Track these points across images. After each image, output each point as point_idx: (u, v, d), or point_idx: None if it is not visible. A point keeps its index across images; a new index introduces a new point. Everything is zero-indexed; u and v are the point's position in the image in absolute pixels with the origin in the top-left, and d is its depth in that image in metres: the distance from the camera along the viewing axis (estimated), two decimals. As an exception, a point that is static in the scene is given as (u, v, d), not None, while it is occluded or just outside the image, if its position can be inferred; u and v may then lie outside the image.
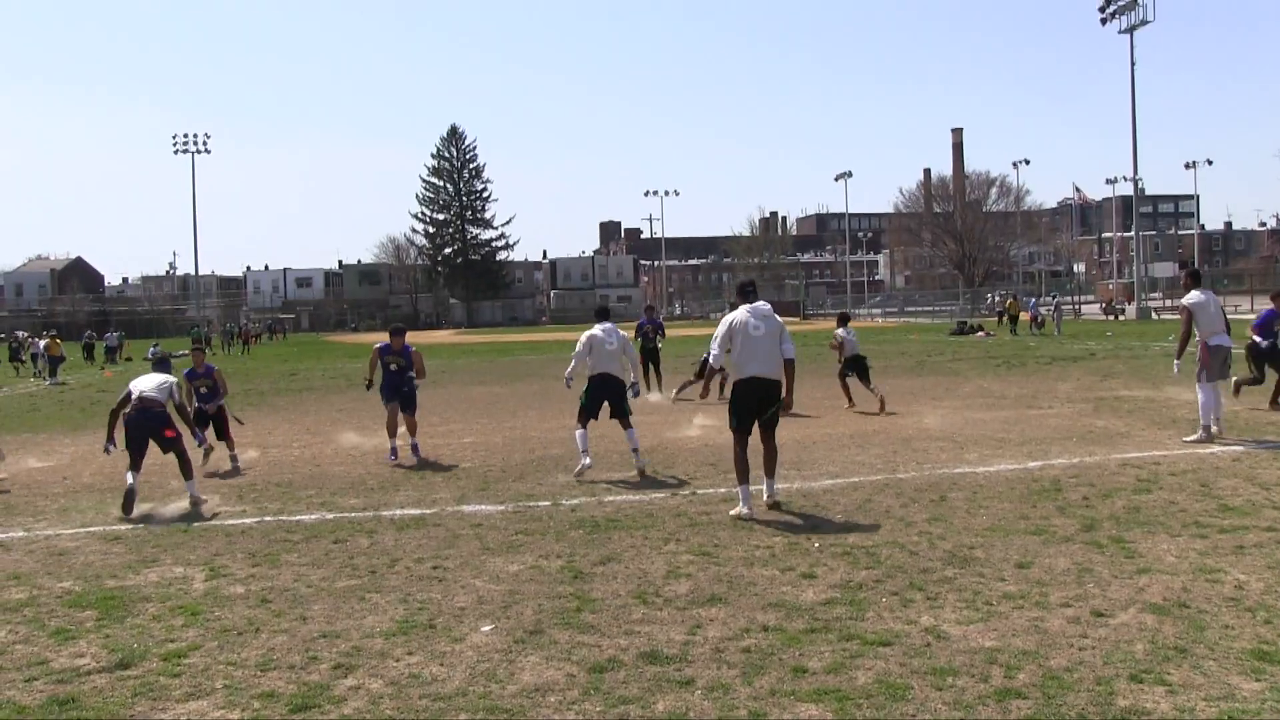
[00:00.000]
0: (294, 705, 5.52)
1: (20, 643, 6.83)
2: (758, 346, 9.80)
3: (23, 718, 5.58)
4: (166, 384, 11.95)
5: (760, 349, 9.81)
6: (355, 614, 7.10)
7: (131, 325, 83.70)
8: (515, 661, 6.07)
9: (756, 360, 9.79)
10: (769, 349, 9.82)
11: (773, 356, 9.84)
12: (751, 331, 9.81)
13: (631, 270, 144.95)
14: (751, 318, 9.90)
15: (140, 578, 8.36)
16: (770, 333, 9.86)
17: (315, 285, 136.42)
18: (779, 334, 9.92)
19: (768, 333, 9.85)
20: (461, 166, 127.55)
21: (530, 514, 10.20)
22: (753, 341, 9.80)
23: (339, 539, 9.39)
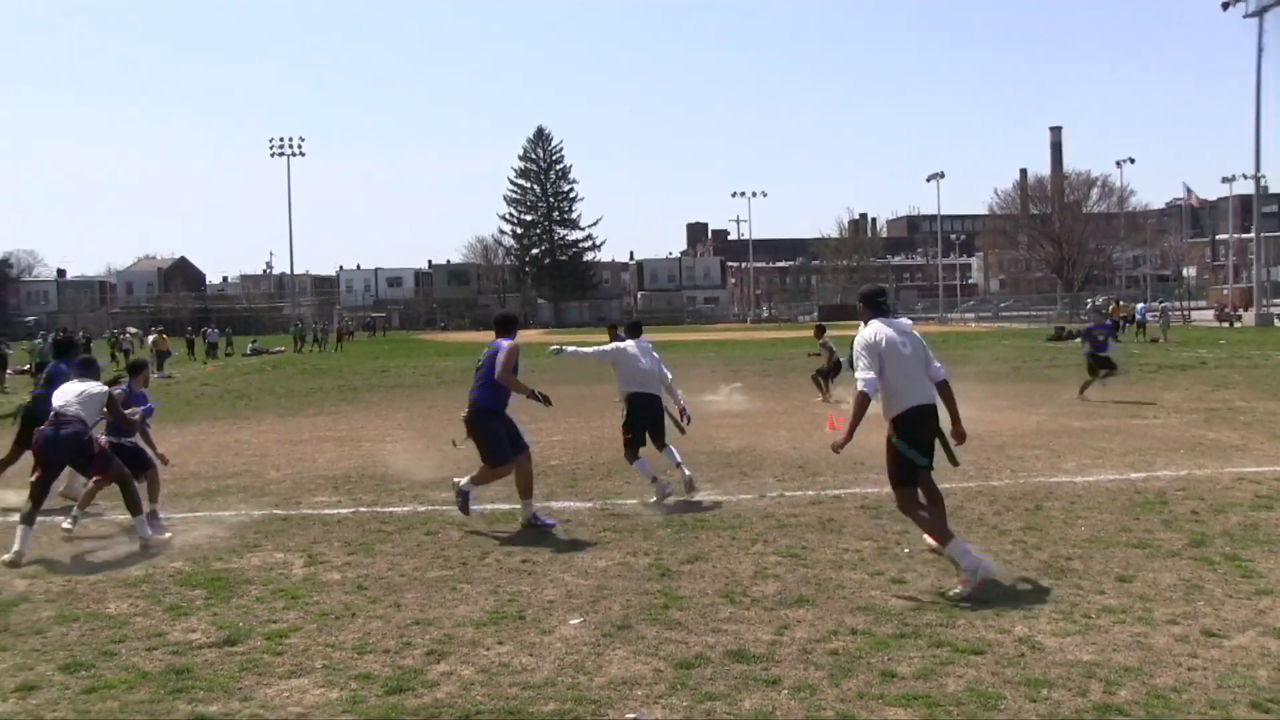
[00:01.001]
0: (389, 687, 5.67)
1: (140, 615, 7.19)
2: (912, 368, 7.68)
3: (145, 683, 5.86)
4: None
5: (916, 371, 7.70)
6: (447, 603, 7.25)
7: (230, 322, 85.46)
8: (603, 654, 6.16)
9: (916, 385, 7.68)
10: (922, 370, 7.73)
11: (925, 379, 7.75)
12: (902, 350, 7.66)
13: (719, 272, 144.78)
14: (897, 334, 7.70)
15: (244, 561, 8.65)
16: (917, 351, 7.77)
17: (405, 284, 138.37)
18: (924, 351, 7.84)
19: (915, 351, 7.76)
20: (548, 168, 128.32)
21: (618, 512, 10.30)
22: (905, 362, 7.64)
23: (431, 531, 9.59)
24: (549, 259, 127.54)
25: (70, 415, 9.24)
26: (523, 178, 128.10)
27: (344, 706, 5.43)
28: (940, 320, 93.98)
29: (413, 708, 5.39)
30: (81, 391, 9.51)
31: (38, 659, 6.34)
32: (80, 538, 9.68)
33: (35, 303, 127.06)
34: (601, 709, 5.32)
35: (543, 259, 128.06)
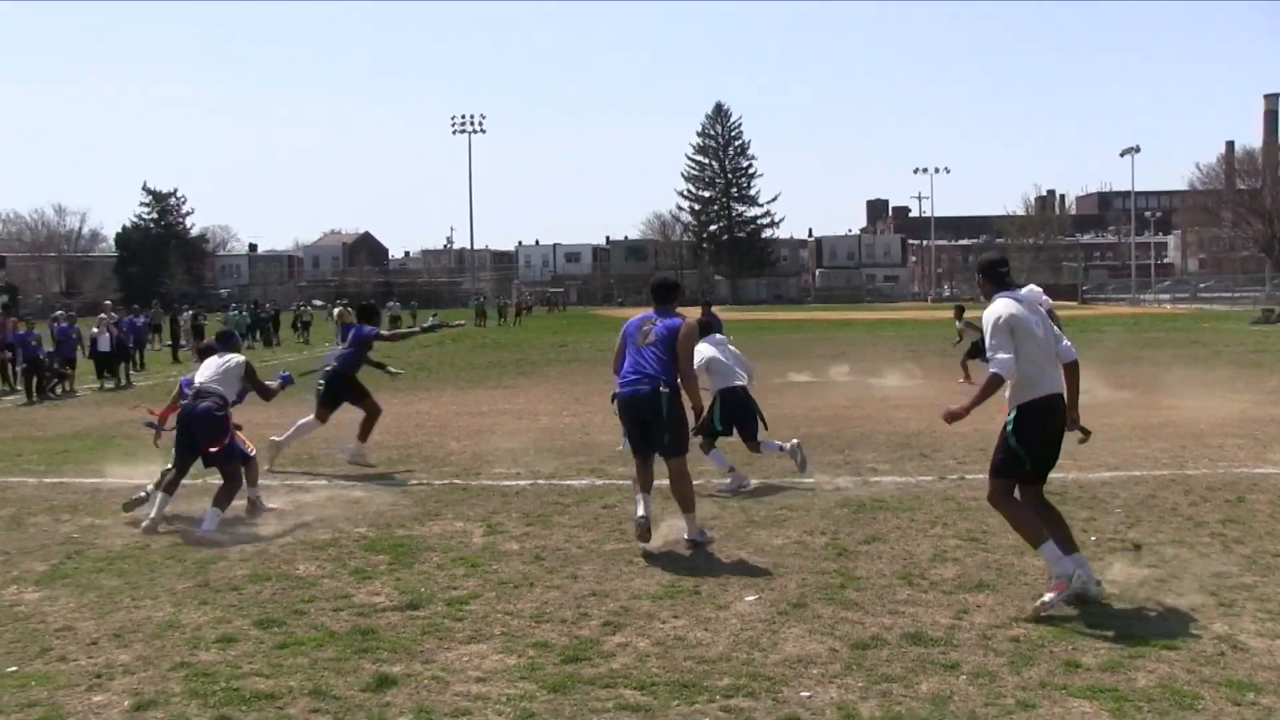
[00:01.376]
0: (566, 656, 5.78)
1: (327, 578, 7.49)
2: (1043, 351, 6.68)
3: (332, 642, 6.11)
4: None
5: (1047, 354, 6.71)
6: (623, 576, 7.34)
7: (411, 296, 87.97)
8: (778, 632, 6.15)
9: (1046, 371, 6.69)
10: (1052, 353, 6.75)
11: (1055, 363, 6.78)
12: (1035, 330, 6.64)
13: (899, 249, 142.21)
14: (1028, 311, 6.70)
15: (425, 529, 8.93)
16: (1048, 331, 6.77)
17: (583, 260, 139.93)
18: (1054, 330, 6.86)
19: (1046, 332, 6.74)
20: (727, 144, 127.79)
21: (794, 490, 10.25)
22: (1037, 345, 6.63)
23: (607, 504, 9.72)
24: (727, 235, 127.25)
25: (210, 390, 9.50)
26: (701, 154, 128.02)
27: (522, 673, 5.55)
28: (1132, 301, 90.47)
29: (589, 677, 5.47)
30: (220, 365, 9.74)
31: (234, 614, 6.67)
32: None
33: (228, 276, 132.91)
34: (776, 686, 5.31)
35: (720, 235, 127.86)
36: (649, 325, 8.41)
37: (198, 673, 5.63)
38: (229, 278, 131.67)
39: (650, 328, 8.37)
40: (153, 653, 5.98)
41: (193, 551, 8.26)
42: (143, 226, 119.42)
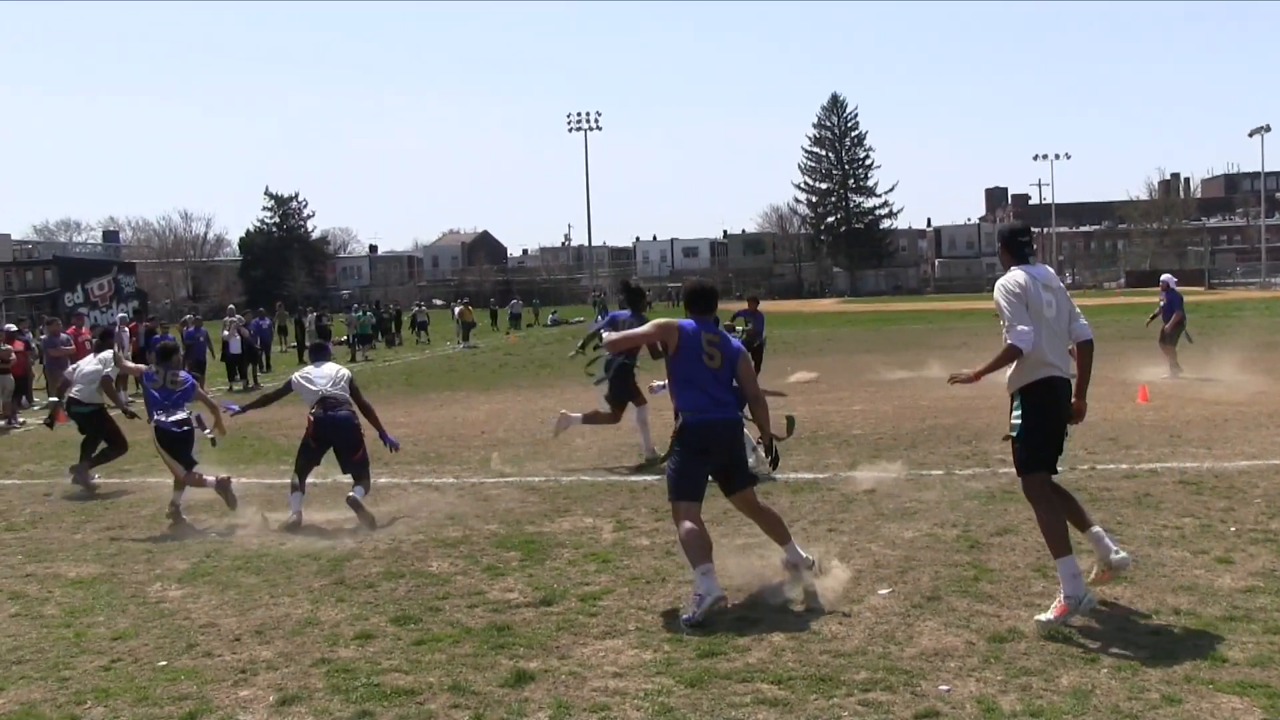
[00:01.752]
0: (701, 651, 5.77)
1: (460, 574, 7.61)
2: (1054, 331, 6.31)
3: (469, 638, 6.20)
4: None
5: (1058, 335, 6.35)
6: (754, 570, 7.30)
7: (530, 294, 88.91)
8: (913, 625, 6.07)
9: (1056, 350, 6.32)
10: (1064, 336, 6.40)
11: (1065, 347, 6.42)
12: (1046, 309, 6.26)
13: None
14: (1042, 287, 6.33)
15: (555, 525, 9.01)
16: (1062, 311, 6.37)
17: (701, 255, 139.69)
18: (1069, 311, 6.43)
19: (1059, 313, 6.36)
20: (843, 135, 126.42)
21: (923, 482, 10.10)
22: (1047, 324, 6.24)
23: (735, 499, 9.67)
24: (844, 227, 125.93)
25: (341, 398, 9.75)
26: (817, 145, 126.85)
27: (658, 668, 5.56)
28: (1263, 285, 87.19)
29: (725, 671, 5.46)
30: (337, 374, 9.98)
31: (371, 610, 6.81)
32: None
33: (350, 277, 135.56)
34: (914, 679, 5.24)
35: (838, 227, 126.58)
36: (713, 342, 7.06)
37: (338, 669, 5.75)
38: (350, 279, 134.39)
39: (716, 349, 7.04)
40: (293, 649, 6.14)
41: (327, 549, 8.45)
42: (265, 230, 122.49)
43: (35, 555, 8.75)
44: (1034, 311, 6.18)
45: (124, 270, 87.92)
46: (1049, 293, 6.32)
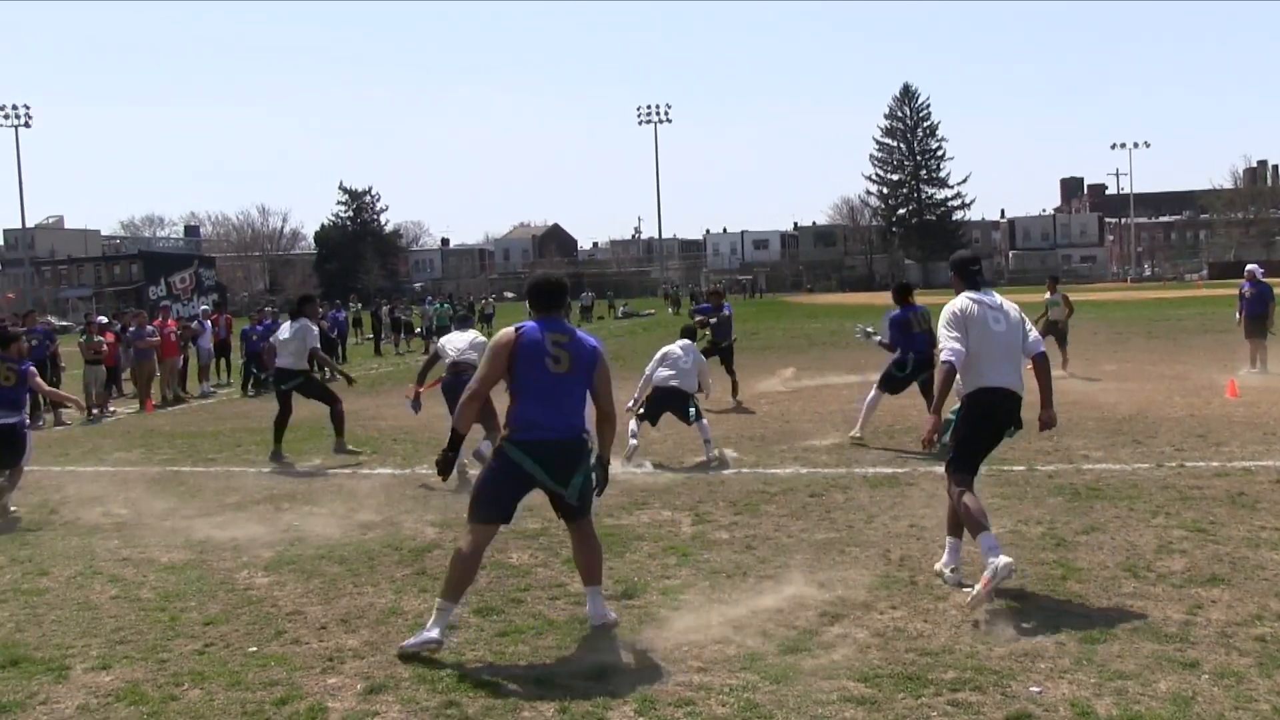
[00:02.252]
0: (785, 646, 5.74)
1: (540, 566, 7.64)
2: (1000, 346, 6.89)
3: (551, 630, 6.22)
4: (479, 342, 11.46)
5: (1004, 350, 6.92)
6: (837, 565, 7.26)
7: (601, 286, 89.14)
8: (999, 624, 5.97)
9: (1000, 365, 6.88)
10: (1011, 350, 6.96)
11: (1014, 361, 6.97)
12: (992, 325, 6.88)
13: (1096, 228, 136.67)
14: (988, 308, 6.96)
15: (634, 518, 9.01)
16: (1012, 329, 6.96)
17: (772, 247, 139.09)
18: (1020, 330, 7.02)
19: (1009, 328, 6.95)
20: (915, 125, 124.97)
21: (1006, 478, 9.95)
22: (993, 339, 6.86)
23: (814, 493, 9.62)
24: (916, 219, 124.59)
25: (467, 362, 10.78)
26: (889, 136, 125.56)
27: (742, 664, 5.53)
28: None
29: (810, 668, 5.42)
30: (470, 339, 11.40)
31: (455, 601, 6.83)
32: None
33: (422, 270, 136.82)
34: (1004, 680, 5.16)
35: (910, 219, 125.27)
36: (560, 343, 6.12)
37: (423, 659, 5.79)
38: (422, 272, 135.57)
39: (564, 350, 6.11)
40: (379, 638, 6.19)
41: (408, 540, 8.52)
42: (340, 224, 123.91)
43: (130, 541, 8.92)
44: (975, 332, 6.83)
45: (204, 264, 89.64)
46: (996, 312, 6.96)
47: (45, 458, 14.48)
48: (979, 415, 6.89)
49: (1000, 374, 6.85)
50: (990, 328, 6.87)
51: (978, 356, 6.84)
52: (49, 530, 9.58)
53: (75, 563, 8.30)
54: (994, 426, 6.92)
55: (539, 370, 6.02)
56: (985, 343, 6.84)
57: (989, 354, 6.84)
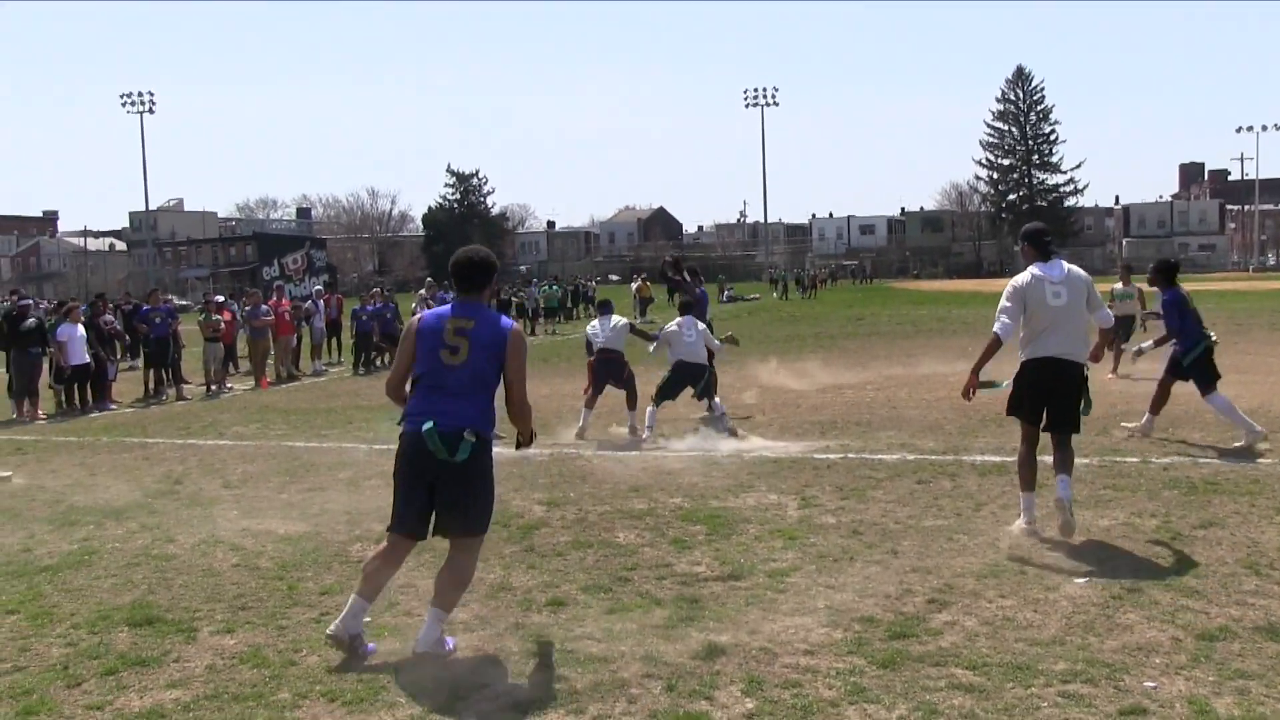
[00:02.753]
0: (892, 632, 5.72)
1: (647, 546, 7.70)
2: (1059, 319, 7.54)
3: (658, 609, 6.27)
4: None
5: (1063, 323, 7.56)
6: (945, 553, 7.20)
7: (705, 270, 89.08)
8: (1113, 617, 5.87)
9: (1054, 337, 7.55)
10: (1071, 323, 7.60)
11: (1074, 333, 7.62)
12: (1052, 301, 7.50)
13: (1216, 216, 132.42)
14: (1051, 282, 7.55)
15: (739, 500, 9.03)
16: (1075, 302, 7.58)
17: (878, 232, 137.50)
18: (1083, 302, 7.64)
19: (1070, 302, 7.56)
20: (1028, 109, 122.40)
21: (1118, 469, 9.76)
22: (1051, 312, 7.51)
23: (922, 480, 9.54)
24: (1027, 205, 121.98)
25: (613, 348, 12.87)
26: (1000, 120, 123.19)
27: (849, 647, 5.53)
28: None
29: (918, 654, 5.39)
30: (615, 324, 13.07)
31: (561, 579, 6.94)
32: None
33: (528, 253, 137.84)
34: (1116, 673, 5.07)
35: (1020, 205, 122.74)
36: (462, 329, 5.63)
37: (532, 634, 5.89)
38: (528, 254, 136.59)
39: (464, 337, 5.61)
40: (489, 612, 6.31)
41: (516, 517, 8.65)
42: (447, 207, 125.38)
43: (250, 512, 9.22)
44: (1032, 306, 7.57)
45: (316, 245, 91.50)
46: (1057, 286, 7.56)
47: (168, 431, 14.98)
48: (1026, 383, 7.71)
49: (1052, 345, 7.57)
50: (1048, 303, 7.53)
51: (1033, 328, 7.62)
52: (173, 500, 9.93)
53: (199, 531, 8.62)
54: (1041, 392, 7.65)
55: (433, 360, 5.62)
56: (1041, 316, 7.56)
57: (1045, 326, 7.57)
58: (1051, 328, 7.54)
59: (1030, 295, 7.55)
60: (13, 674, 5.63)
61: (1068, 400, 7.65)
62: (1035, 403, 7.69)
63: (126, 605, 6.70)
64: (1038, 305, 7.53)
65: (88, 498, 10.19)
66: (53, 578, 7.43)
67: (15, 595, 7.04)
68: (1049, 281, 7.56)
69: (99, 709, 5.13)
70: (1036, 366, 7.62)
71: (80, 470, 11.86)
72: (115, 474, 11.48)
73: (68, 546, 8.31)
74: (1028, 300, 7.56)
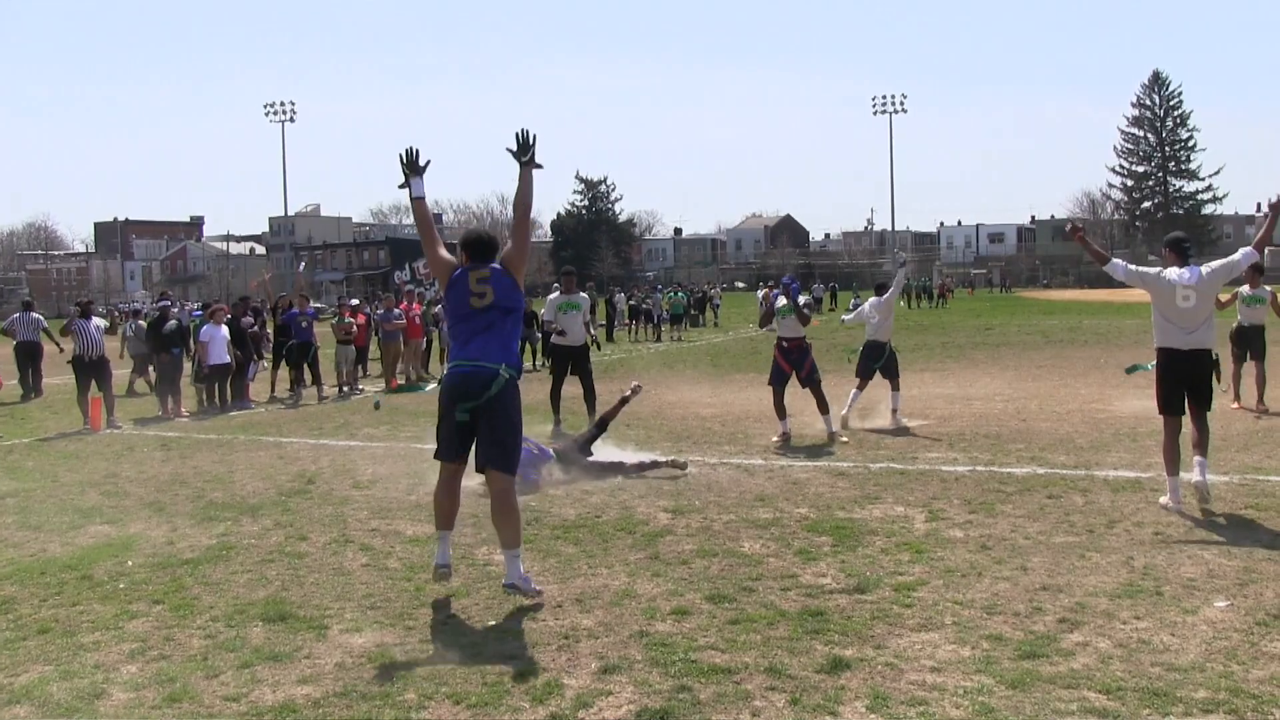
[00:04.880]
0: (1022, 651, 5.58)
1: (772, 556, 7.64)
2: (1185, 318, 8.68)
3: (783, 621, 6.21)
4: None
5: (1188, 321, 8.68)
6: (1076, 571, 7.01)
7: (832, 278, 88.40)
8: (1258, 645, 5.64)
9: (1180, 332, 8.71)
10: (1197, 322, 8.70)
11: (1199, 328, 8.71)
12: (1180, 303, 8.64)
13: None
14: (1183, 284, 8.68)
15: (865, 512, 8.92)
16: (1202, 302, 8.68)
17: (1008, 241, 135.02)
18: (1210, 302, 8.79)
19: (1197, 304, 8.66)
20: (1164, 115, 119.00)
21: (1261, 489, 9.40)
22: (1176, 311, 8.68)
23: (1052, 494, 9.32)
24: (1162, 213, 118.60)
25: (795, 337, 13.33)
26: (1135, 126, 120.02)
27: (977, 666, 5.42)
28: None
29: (1048, 675, 5.26)
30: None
31: (685, 587, 6.93)
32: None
33: (654, 259, 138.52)
34: (1264, 705, 4.85)
35: (1155, 213, 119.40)
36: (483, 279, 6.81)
37: (656, 642, 5.89)
38: (655, 261, 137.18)
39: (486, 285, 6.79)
40: (612, 619, 6.33)
41: (641, 524, 8.67)
42: (575, 213, 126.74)
43: (378, 512, 9.42)
44: (1160, 301, 8.75)
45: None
46: (1187, 289, 8.64)
47: (300, 430, 15.39)
48: (1162, 368, 8.84)
49: (1178, 338, 8.69)
50: (1177, 305, 8.65)
51: (1163, 320, 8.77)
52: (306, 498, 10.19)
53: (330, 530, 8.84)
54: (1174, 377, 8.73)
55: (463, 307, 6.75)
56: (1169, 311, 8.71)
57: (1171, 321, 8.71)
58: (1179, 323, 8.68)
59: (1160, 290, 8.76)
60: (159, 661, 5.87)
61: (1203, 384, 8.73)
62: (1174, 386, 8.76)
63: (261, 601, 6.92)
64: (1167, 303, 8.69)
65: (226, 494, 10.53)
66: (193, 571, 7.73)
67: (160, 586, 7.35)
68: (1182, 285, 8.65)
69: (235, 700, 5.29)
70: (1167, 355, 8.76)
71: (219, 467, 12.25)
72: (252, 472, 11.83)
73: (207, 541, 8.61)
74: (1158, 293, 8.77)
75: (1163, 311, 8.74)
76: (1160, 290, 8.73)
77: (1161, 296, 8.71)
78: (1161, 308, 8.74)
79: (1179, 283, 8.64)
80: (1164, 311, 8.73)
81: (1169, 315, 8.70)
